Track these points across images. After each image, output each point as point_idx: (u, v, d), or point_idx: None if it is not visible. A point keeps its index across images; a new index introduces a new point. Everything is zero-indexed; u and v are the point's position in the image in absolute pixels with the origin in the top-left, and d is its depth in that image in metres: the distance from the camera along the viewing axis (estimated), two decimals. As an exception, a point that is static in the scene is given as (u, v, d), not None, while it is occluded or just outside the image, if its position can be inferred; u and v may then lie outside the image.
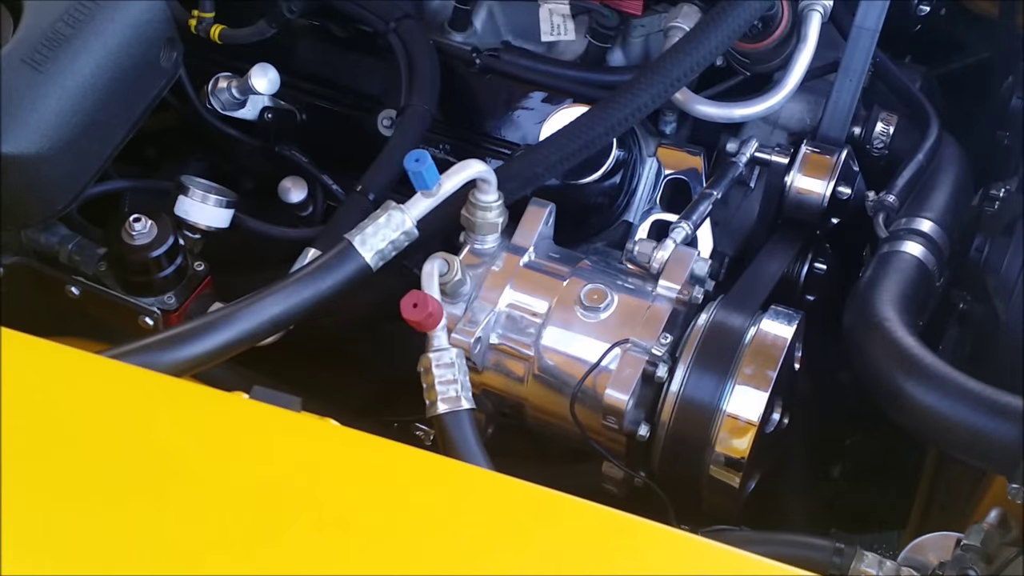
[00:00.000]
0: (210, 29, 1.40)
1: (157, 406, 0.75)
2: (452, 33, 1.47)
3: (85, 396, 0.77)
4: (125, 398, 0.77)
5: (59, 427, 0.76)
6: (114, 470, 0.72)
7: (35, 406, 0.78)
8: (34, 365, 0.81)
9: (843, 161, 1.34)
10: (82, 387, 0.78)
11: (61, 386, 0.79)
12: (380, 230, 1.09)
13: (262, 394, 0.77)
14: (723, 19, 1.16)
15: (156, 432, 0.73)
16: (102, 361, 0.83)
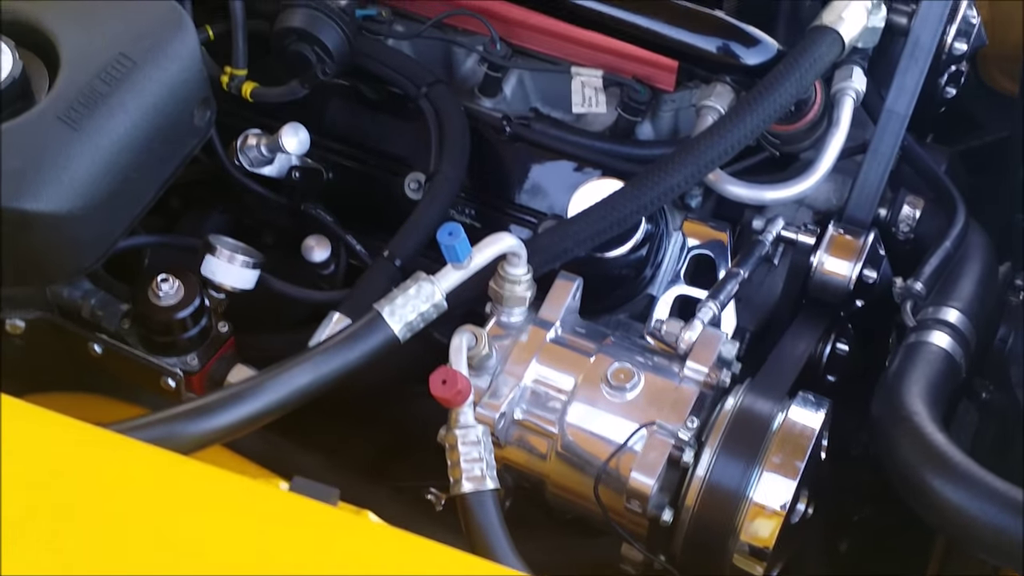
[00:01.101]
0: (242, 86, 1.40)
1: (187, 496, 0.73)
2: (482, 99, 1.48)
3: (108, 483, 0.74)
4: (150, 485, 0.75)
5: (72, 521, 0.72)
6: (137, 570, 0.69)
7: (45, 494, 0.74)
8: (46, 445, 0.78)
9: (870, 244, 1.34)
10: (104, 472, 0.76)
11: (76, 471, 0.76)
12: (410, 301, 1.09)
13: (302, 486, 0.75)
14: (759, 104, 1.16)
15: (184, 531, 0.71)
16: (126, 443, 0.80)
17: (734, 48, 1.23)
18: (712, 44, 1.24)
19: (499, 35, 1.40)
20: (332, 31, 1.33)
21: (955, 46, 1.43)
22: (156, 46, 1.17)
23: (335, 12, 1.35)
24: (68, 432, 0.78)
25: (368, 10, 1.43)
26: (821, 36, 1.19)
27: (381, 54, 1.42)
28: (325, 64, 1.34)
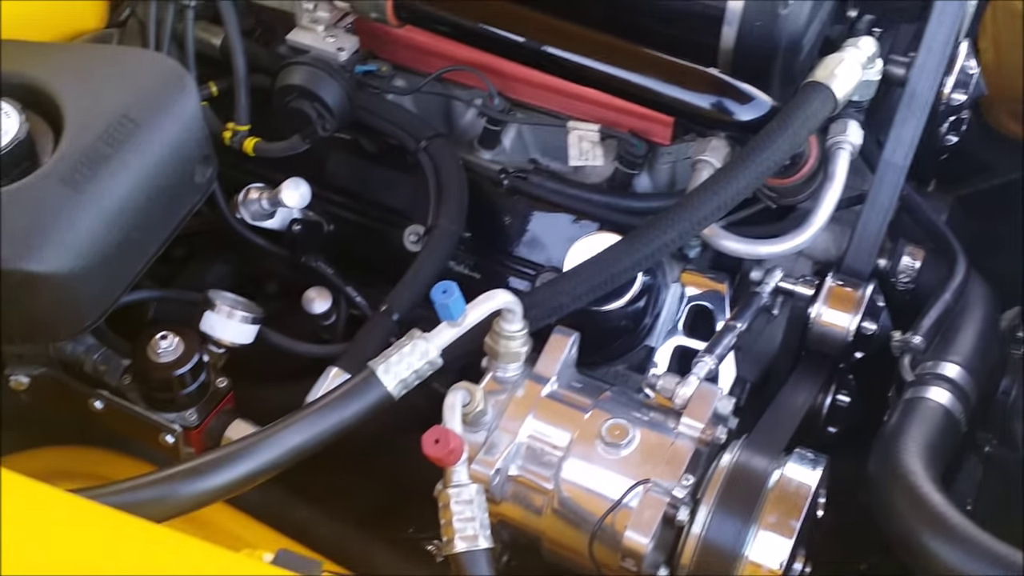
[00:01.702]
0: (244, 141, 1.42)
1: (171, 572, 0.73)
2: (481, 151, 1.49)
3: (91, 558, 0.74)
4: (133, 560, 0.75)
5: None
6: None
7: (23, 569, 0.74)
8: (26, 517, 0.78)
9: (869, 296, 1.34)
10: (87, 546, 0.76)
11: (57, 544, 0.76)
12: (404, 359, 1.09)
13: (285, 559, 0.76)
14: (752, 161, 1.17)
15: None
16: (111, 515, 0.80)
17: (728, 105, 1.24)
18: (706, 101, 1.24)
19: (497, 89, 1.42)
20: (332, 88, 1.35)
21: (953, 97, 1.44)
22: (158, 107, 1.19)
23: (335, 69, 1.37)
24: (48, 503, 0.79)
25: (368, 65, 1.45)
26: (814, 93, 1.20)
27: (381, 108, 1.44)
28: (325, 120, 1.36)
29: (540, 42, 1.29)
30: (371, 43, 1.45)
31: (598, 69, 1.28)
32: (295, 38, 1.41)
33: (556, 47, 1.29)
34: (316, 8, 1.39)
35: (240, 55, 1.39)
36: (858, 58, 1.24)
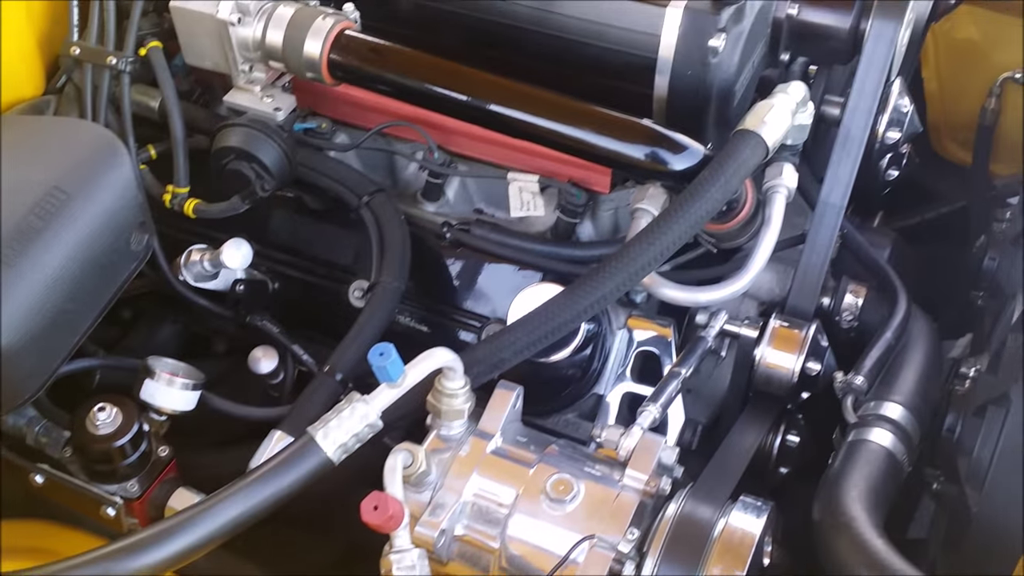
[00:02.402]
0: (184, 204, 1.41)
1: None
2: (425, 203, 1.49)
3: None
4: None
5: None
6: None
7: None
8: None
9: (811, 336, 1.35)
10: None
11: None
12: (344, 423, 1.09)
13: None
14: (687, 209, 1.17)
15: None
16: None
17: (662, 155, 1.25)
18: (640, 152, 1.25)
19: (438, 142, 1.42)
20: (270, 148, 1.35)
21: (888, 135, 1.45)
22: (90, 177, 1.19)
23: (273, 129, 1.37)
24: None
25: (308, 123, 1.45)
26: (744, 141, 1.21)
27: (321, 165, 1.44)
28: (264, 180, 1.36)
29: (476, 98, 1.30)
30: (310, 101, 1.45)
31: (534, 123, 1.28)
32: (232, 99, 1.41)
33: (492, 102, 1.29)
34: (252, 69, 1.39)
35: (177, 118, 1.39)
36: (787, 104, 1.25)
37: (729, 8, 1.27)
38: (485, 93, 1.30)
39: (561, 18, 1.34)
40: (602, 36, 1.32)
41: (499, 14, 1.36)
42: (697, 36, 1.27)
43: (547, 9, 1.34)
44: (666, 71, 1.30)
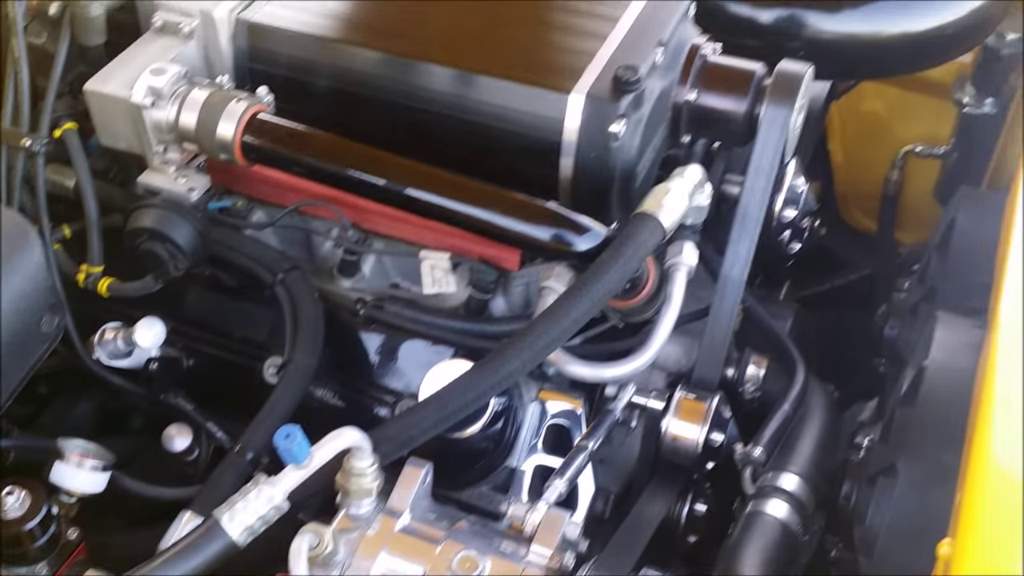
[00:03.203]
0: (98, 283, 1.42)
1: None
2: (341, 279, 1.52)
3: None
4: None
5: None
6: None
7: None
8: None
9: (715, 408, 1.39)
10: None
11: None
12: (249, 505, 1.10)
13: None
14: (589, 290, 1.21)
15: None
16: None
17: (566, 236, 1.29)
18: (546, 233, 1.29)
19: (353, 220, 1.45)
20: (183, 228, 1.37)
21: (784, 213, 1.52)
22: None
23: (186, 209, 1.39)
24: None
25: (223, 202, 1.47)
26: (643, 224, 1.26)
27: (236, 243, 1.46)
28: (177, 260, 1.38)
29: (387, 180, 1.33)
30: (225, 180, 1.48)
31: (444, 206, 1.32)
32: (146, 180, 1.43)
33: (403, 185, 1.33)
34: (167, 150, 1.41)
35: (91, 199, 1.40)
36: (684, 187, 1.31)
37: (628, 96, 1.33)
38: (396, 176, 1.33)
39: (471, 102, 1.38)
40: (511, 120, 1.37)
41: (412, 98, 1.40)
42: (598, 122, 1.32)
43: (458, 94, 1.39)
44: (570, 154, 1.35)
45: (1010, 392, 1.11)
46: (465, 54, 1.40)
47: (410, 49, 1.41)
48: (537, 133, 1.36)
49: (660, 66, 1.40)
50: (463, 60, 1.39)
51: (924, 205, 2.20)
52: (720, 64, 1.47)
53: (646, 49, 1.39)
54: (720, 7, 1.69)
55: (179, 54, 1.42)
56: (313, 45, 1.42)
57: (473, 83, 1.38)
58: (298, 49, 1.43)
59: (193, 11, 1.43)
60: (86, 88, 1.38)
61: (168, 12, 1.44)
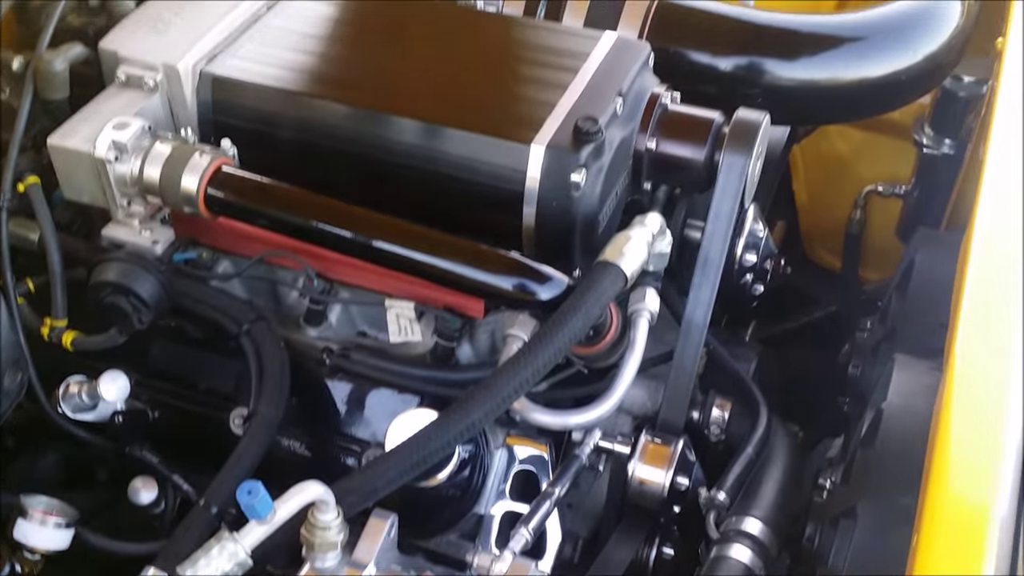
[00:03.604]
0: (62, 336, 1.42)
1: None
2: (307, 328, 1.52)
3: None
4: None
5: None
6: None
7: None
8: None
9: (680, 451, 1.40)
10: None
11: None
12: (212, 561, 1.10)
13: None
14: (551, 338, 1.22)
15: None
16: None
17: (528, 286, 1.30)
18: (508, 283, 1.30)
19: (319, 270, 1.46)
20: (147, 281, 1.38)
21: (746, 258, 1.54)
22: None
23: (150, 262, 1.39)
24: None
25: (188, 253, 1.48)
26: (604, 272, 1.27)
27: (201, 294, 1.46)
28: (141, 313, 1.38)
29: (350, 232, 1.34)
30: (190, 231, 1.48)
31: (408, 257, 1.33)
32: (110, 233, 1.43)
33: (366, 237, 1.34)
34: (131, 204, 1.41)
35: (54, 253, 1.41)
36: (644, 236, 1.33)
37: (588, 146, 1.35)
38: (359, 228, 1.34)
39: (435, 153, 1.40)
40: (474, 170, 1.39)
41: (375, 149, 1.42)
42: (559, 172, 1.34)
43: (420, 145, 1.40)
44: (533, 203, 1.37)
45: (964, 435, 1.13)
46: (427, 105, 1.42)
47: (372, 101, 1.42)
48: (500, 183, 1.38)
49: (620, 115, 1.43)
50: (425, 111, 1.40)
51: (888, 242, 2.24)
52: (679, 112, 1.49)
53: (606, 99, 1.41)
54: (680, 55, 1.72)
55: (143, 107, 1.42)
56: (276, 97, 1.43)
57: (436, 134, 1.39)
58: (262, 101, 1.44)
59: (157, 65, 1.44)
60: (49, 143, 1.39)
61: (132, 66, 1.45)
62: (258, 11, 1.55)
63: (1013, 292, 1.30)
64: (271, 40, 1.51)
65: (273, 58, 1.48)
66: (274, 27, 1.54)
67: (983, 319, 1.28)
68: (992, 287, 1.32)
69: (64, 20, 1.52)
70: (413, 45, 1.53)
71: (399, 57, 1.50)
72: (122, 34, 1.48)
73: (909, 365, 1.33)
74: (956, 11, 1.80)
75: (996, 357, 1.22)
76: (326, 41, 1.52)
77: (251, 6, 1.55)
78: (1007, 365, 1.20)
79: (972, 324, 1.26)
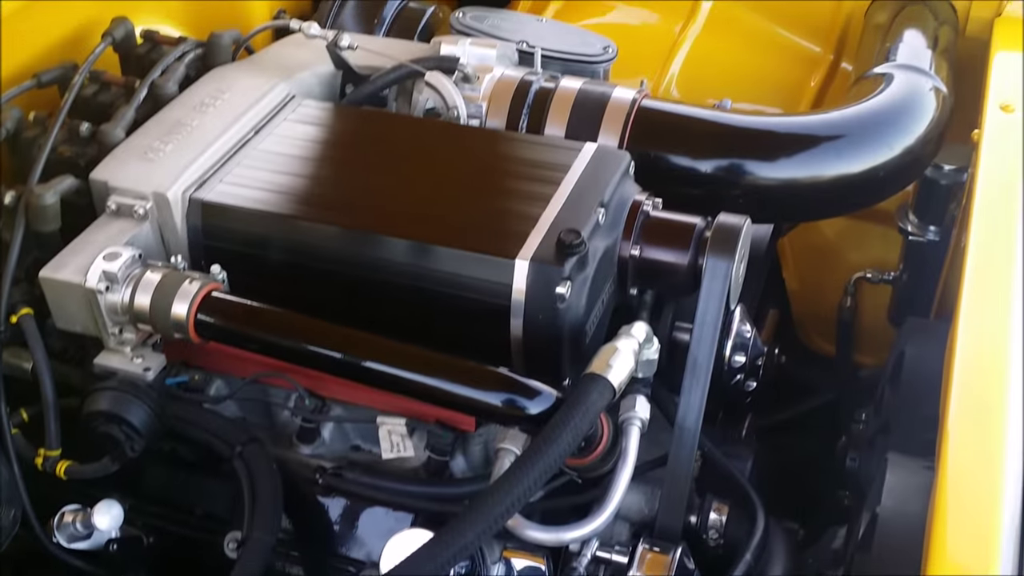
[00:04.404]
0: (56, 466, 1.42)
1: None
2: (301, 446, 1.53)
3: None
4: None
5: None
6: None
7: None
8: None
9: (678, 560, 1.39)
10: None
11: None
12: None
13: None
14: (541, 454, 1.22)
15: None
16: None
17: (518, 401, 1.30)
18: (498, 399, 1.30)
19: (310, 388, 1.47)
20: (139, 409, 1.38)
21: (734, 359, 1.55)
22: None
23: (142, 390, 1.40)
24: None
25: (180, 377, 1.49)
26: (592, 385, 1.28)
27: (194, 417, 1.47)
28: (134, 441, 1.38)
29: (339, 352, 1.36)
30: (182, 354, 1.50)
31: (396, 375, 1.34)
32: (103, 361, 1.44)
33: (355, 358, 1.35)
34: (122, 331, 1.43)
35: (47, 383, 1.42)
36: (631, 346, 1.33)
37: (572, 258, 1.36)
38: (348, 349, 1.35)
39: (422, 271, 1.41)
40: (461, 286, 1.40)
41: (364, 268, 1.44)
42: (544, 285, 1.36)
43: (408, 263, 1.42)
44: (519, 316, 1.38)
45: (959, 541, 1.12)
46: (412, 223, 1.44)
47: (359, 221, 1.45)
48: (487, 298, 1.39)
49: (603, 225, 1.45)
50: (411, 229, 1.43)
51: (881, 326, 2.25)
52: (661, 219, 1.51)
53: (588, 210, 1.44)
54: (661, 158, 1.74)
55: (133, 236, 1.45)
56: (263, 220, 1.46)
57: (422, 252, 1.41)
58: (249, 225, 1.47)
59: (147, 193, 1.47)
60: (41, 276, 1.40)
61: (122, 195, 1.48)
62: (246, 136, 1.59)
63: (999, 384, 1.31)
64: (258, 164, 1.54)
65: (259, 181, 1.51)
66: (261, 151, 1.57)
67: (972, 416, 1.28)
68: (980, 381, 1.33)
69: (56, 151, 1.56)
70: (398, 163, 1.56)
71: (384, 176, 1.53)
72: (112, 164, 1.52)
73: (902, 465, 1.33)
74: (931, 105, 1.84)
75: (987, 457, 1.22)
76: (311, 163, 1.55)
77: (239, 131, 1.58)
78: (997, 464, 1.20)
79: (961, 422, 1.26)
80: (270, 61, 1.77)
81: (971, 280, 1.45)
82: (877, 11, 2.18)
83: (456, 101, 1.73)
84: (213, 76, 1.70)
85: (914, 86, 1.85)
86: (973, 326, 1.40)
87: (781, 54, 2.33)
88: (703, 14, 2.39)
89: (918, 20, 2.08)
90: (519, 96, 1.75)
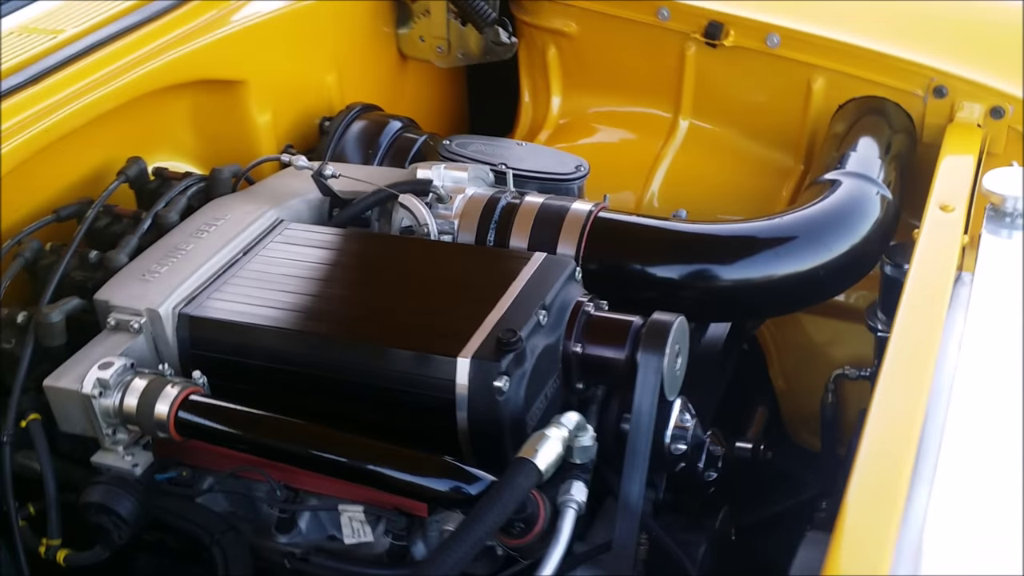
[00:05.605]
0: (56, 554, 1.59)
1: None
2: (278, 535, 1.66)
3: None
4: None
5: None
6: None
7: None
8: None
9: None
10: None
11: None
12: None
13: None
14: (468, 533, 1.34)
15: None
16: None
17: (462, 487, 1.43)
18: (444, 485, 1.44)
19: (284, 480, 1.62)
20: (126, 501, 1.55)
21: (675, 447, 1.65)
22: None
23: (130, 484, 1.57)
24: None
25: (169, 473, 1.65)
26: (519, 468, 1.40)
27: (179, 509, 1.62)
28: (121, 530, 1.54)
29: (301, 446, 1.51)
30: (172, 452, 1.66)
31: (352, 465, 1.49)
32: (99, 459, 1.61)
33: (316, 450, 1.50)
34: (116, 432, 1.60)
35: (50, 481, 1.60)
36: (560, 433, 1.46)
37: (509, 355, 1.51)
38: (309, 443, 1.51)
39: (381, 371, 1.57)
40: (413, 383, 1.55)
41: (327, 370, 1.60)
42: (484, 380, 1.50)
43: (369, 363, 1.58)
44: (464, 409, 1.52)
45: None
46: (372, 328, 1.61)
47: (322, 328, 1.62)
48: (436, 393, 1.53)
49: (544, 325, 1.59)
50: (369, 334, 1.60)
51: (867, 422, 2.31)
52: (601, 318, 1.65)
53: (529, 311, 1.58)
54: (619, 265, 1.89)
55: (128, 347, 1.63)
56: (241, 331, 1.64)
57: (378, 353, 1.58)
58: (229, 335, 1.64)
59: (141, 310, 1.66)
60: (45, 384, 1.59)
61: (120, 312, 1.67)
62: (235, 257, 1.79)
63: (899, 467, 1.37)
64: (243, 281, 1.73)
65: (242, 296, 1.69)
66: (247, 269, 1.76)
67: (871, 492, 1.34)
68: (882, 463, 1.39)
69: (68, 276, 1.78)
70: (366, 276, 1.74)
71: (352, 288, 1.71)
72: (114, 285, 1.72)
73: (817, 540, 1.41)
74: (874, 209, 1.96)
75: (881, 525, 1.28)
76: (289, 279, 1.73)
77: (229, 253, 1.78)
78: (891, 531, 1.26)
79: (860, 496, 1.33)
80: (264, 191, 1.98)
81: (888, 372, 1.52)
82: (838, 121, 2.33)
83: (427, 219, 1.91)
84: (212, 206, 1.92)
85: (859, 192, 1.98)
86: (883, 417, 1.46)
87: (754, 166, 2.49)
88: (681, 132, 2.56)
89: (872, 129, 2.22)
90: (487, 212, 1.93)
